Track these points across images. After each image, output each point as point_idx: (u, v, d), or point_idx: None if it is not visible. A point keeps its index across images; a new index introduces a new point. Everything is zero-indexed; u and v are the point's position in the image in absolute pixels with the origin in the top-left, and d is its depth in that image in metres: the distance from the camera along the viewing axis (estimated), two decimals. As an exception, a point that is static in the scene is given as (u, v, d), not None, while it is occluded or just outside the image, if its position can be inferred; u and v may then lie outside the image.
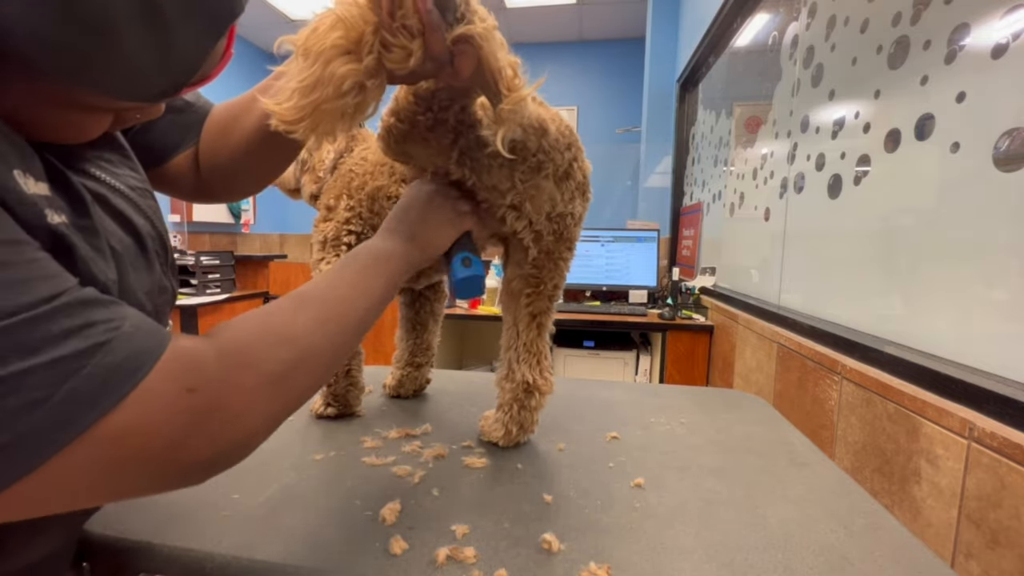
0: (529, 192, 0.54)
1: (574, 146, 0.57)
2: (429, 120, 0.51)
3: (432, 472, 0.58)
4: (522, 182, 0.53)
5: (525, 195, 0.54)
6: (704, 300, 2.07)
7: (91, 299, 0.28)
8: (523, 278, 0.63)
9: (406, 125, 0.52)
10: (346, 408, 0.75)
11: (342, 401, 0.74)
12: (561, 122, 0.55)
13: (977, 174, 0.70)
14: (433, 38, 0.39)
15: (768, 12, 1.68)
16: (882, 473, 0.78)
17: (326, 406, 0.74)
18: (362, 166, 0.71)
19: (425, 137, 0.52)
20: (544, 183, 0.55)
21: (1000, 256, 0.68)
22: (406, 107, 0.51)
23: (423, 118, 0.51)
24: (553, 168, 0.54)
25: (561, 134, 0.54)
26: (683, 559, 0.43)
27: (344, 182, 0.72)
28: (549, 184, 0.55)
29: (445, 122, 0.50)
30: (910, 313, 0.85)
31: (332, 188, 0.73)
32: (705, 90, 2.57)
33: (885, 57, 0.93)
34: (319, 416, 0.74)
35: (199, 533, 0.45)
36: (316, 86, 0.37)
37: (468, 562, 0.42)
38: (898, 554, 0.45)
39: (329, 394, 0.74)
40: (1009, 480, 0.56)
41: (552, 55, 4.19)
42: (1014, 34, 0.66)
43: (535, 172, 0.53)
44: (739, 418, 0.78)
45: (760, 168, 1.62)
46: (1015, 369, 0.64)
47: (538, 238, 0.59)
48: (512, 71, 0.42)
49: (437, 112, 0.50)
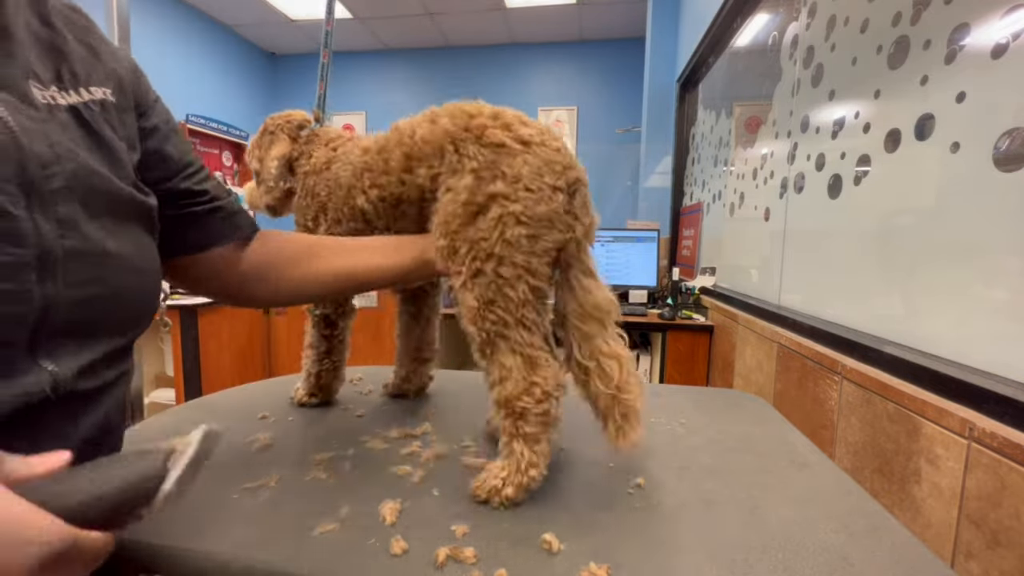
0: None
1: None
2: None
3: (432, 472, 0.58)
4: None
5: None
6: (704, 300, 2.07)
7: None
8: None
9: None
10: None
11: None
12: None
13: (977, 174, 0.70)
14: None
15: (768, 12, 1.68)
16: (882, 473, 0.78)
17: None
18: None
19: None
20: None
21: (1000, 256, 0.68)
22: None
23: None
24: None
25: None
26: (683, 559, 0.43)
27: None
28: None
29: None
30: (910, 313, 0.85)
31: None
32: (705, 90, 2.57)
33: (885, 57, 0.93)
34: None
35: (199, 533, 0.45)
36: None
37: (468, 562, 0.42)
38: (898, 554, 0.45)
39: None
40: (1009, 480, 0.56)
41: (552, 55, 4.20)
42: (1014, 34, 0.66)
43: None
44: (739, 418, 0.78)
45: (760, 168, 1.62)
46: (1015, 369, 0.64)
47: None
48: None
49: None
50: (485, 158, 0.52)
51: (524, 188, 0.50)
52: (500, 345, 0.52)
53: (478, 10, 3.65)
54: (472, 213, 0.52)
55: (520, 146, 0.52)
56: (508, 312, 0.51)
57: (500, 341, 0.52)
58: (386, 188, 0.61)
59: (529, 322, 0.52)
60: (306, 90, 4.57)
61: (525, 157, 0.51)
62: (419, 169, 0.58)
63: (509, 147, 0.52)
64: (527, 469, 0.51)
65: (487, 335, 0.52)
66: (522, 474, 0.51)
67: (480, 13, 3.70)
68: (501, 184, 0.51)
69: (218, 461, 0.58)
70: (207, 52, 3.91)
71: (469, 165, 0.53)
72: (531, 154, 0.52)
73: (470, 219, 0.52)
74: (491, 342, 0.52)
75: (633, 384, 0.53)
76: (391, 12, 3.69)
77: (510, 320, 0.51)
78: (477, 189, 0.52)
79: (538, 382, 0.51)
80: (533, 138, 0.52)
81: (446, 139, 0.55)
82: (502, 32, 4.03)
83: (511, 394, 0.51)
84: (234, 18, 3.91)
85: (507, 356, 0.52)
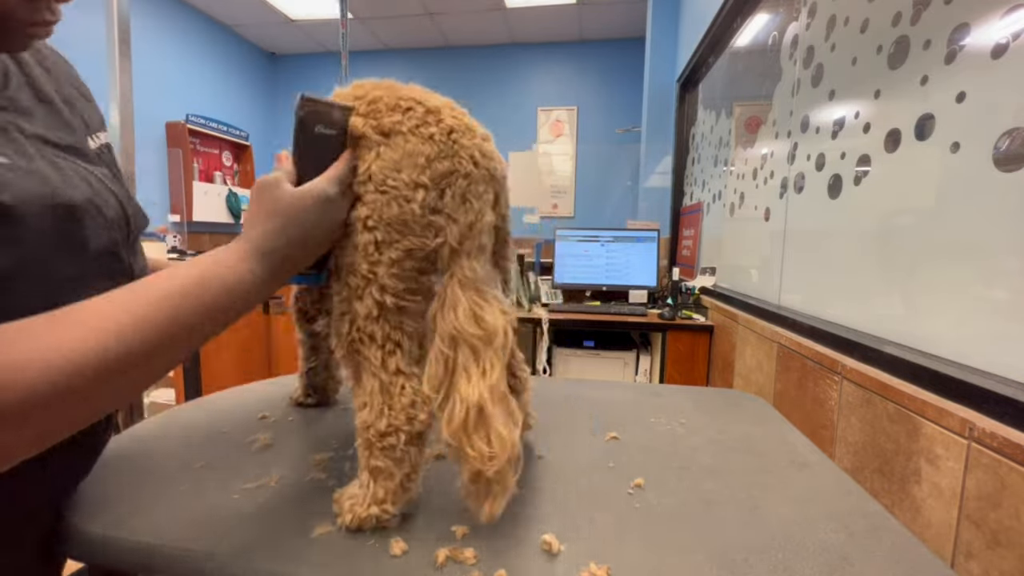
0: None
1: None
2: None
3: (432, 472, 0.58)
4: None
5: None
6: (704, 300, 2.07)
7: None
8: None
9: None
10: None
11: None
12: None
13: (977, 174, 0.70)
14: None
15: (768, 12, 1.68)
16: (882, 473, 0.78)
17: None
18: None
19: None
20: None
21: (1000, 256, 0.68)
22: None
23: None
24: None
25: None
26: (683, 559, 0.43)
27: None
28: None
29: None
30: (910, 313, 0.85)
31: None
32: (705, 90, 2.57)
33: (885, 57, 0.93)
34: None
35: (199, 533, 0.45)
36: None
37: (468, 563, 0.42)
38: (898, 554, 0.45)
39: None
40: (1009, 480, 0.56)
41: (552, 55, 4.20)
42: (1014, 34, 0.66)
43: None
44: (739, 418, 0.78)
45: (760, 168, 1.62)
46: (1015, 369, 0.64)
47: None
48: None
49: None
50: (351, 154, 0.46)
51: (374, 188, 0.44)
52: (363, 365, 0.46)
53: (478, 10, 3.65)
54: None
55: (379, 137, 0.45)
56: (359, 328, 0.45)
57: (361, 360, 0.46)
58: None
59: (382, 340, 0.45)
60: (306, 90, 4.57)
61: (380, 150, 0.45)
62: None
63: (368, 139, 0.45)
64: (370, 504, 0.45)
65: (344, 351, 0.47)
66: (365, 507, 0.45)
67: (480, 13, 3.70)
68: (355, 184, 0.45)
69: (218, 461, 0.58)
70: (207, 52, 3.91)
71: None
72: (389, 146, 0.45)
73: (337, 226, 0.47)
74: (352, 360, 0.47)
75: (478, 439, 0.41)
76: (391, 12, 3.69)
77: (363, 337, 0.46)
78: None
79: (385, 412, 0.45)
80: (399, 126, 0.45)
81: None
82: (502, 32, 4.03)
83: (364, 422, 0.46)
84: (234, 18, 3.91)
85: (368, 379, 0.46)
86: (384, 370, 0.45)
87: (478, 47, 4.30)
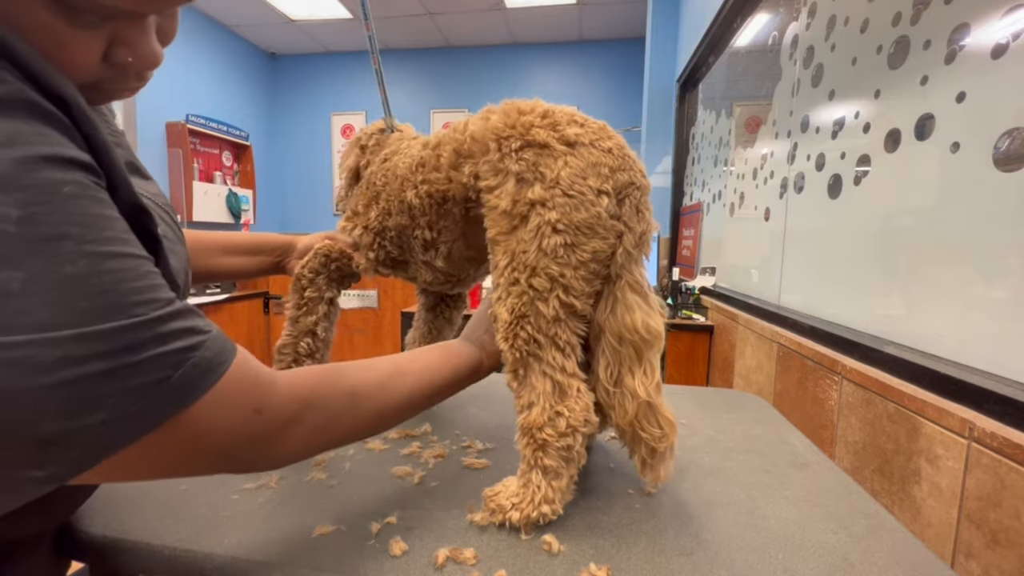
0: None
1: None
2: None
3: (432, 472, 0.58)
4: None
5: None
6: (704, 300, 2.07)
7: (189, 306, 0.32)
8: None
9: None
10: None
11: None
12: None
13: (977, 174, 0.70)
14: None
15: (768, 12, 1.68)
16: (882, 473, 0.78)
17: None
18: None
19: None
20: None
21: (1000, 256, 0.68)
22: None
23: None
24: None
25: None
26: (683, 560, 0.43)
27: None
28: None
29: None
30: (910, 313, 0.85)
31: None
32: (705, 90, 2.57)
33: (885, 57, 0.93)
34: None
35: (199, 533, 0.45)
36: None
37: (468, 563, 0.42)
38: (898, 555, 0.45)
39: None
40: (1009, 480, 0.56)
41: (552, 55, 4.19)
42: (1014, 34, 0.66)
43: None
44: (739, 418, 0.78)
45: (760, 168, 1.62)
46: (1015, 369, 0.64)
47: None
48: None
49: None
50: (527, 160, 0.48)
51: (562, 193, 0.46)
52: (533, 366, 0.48)
53: (478, 10, 3.65)
54: (513, 223, 0.48)
55: (564, 147, 0.48)
56: (539, 330, 0.47)
57: (533, 362, 0.48)
58: (434, 184, 0.58)
59: (562, 343, 0.48)
60: (306, 90, 4.57)
61: (567, 159, 0.47)
62: (464, 167, 0.55)
63: (552, 148, 0.48)
64: (540, 503, 0.47)
65: (519, 354, 0.48)
66: (534, 507, 0.47)
67: (480, 13, 3.70)
68: (539, 188, 0.47)
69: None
70: (207, 52, 3.90)
71: (513, 168, 0.49)
72: (575, 155, 0.48)
73: (511, 229, 0.49)
74: (523, 362, 0.49)
75: (649, 425, 0.48)
76: (391, 12, 3.69)
77: (542, 339, 0.47)
78: (518, 195, 0.48)
79: (563, 413, 0.47)
80: (580, 138, 0.48)
81: (492, 136, 0.51)
82: (502, 32, 4.03)
83: (534, 423, 0.47)
84: (234, 18, 3.91)
85: (538, 380, 0.48)
86: (562, 372, 0.48)
87: (478, 47, 4.30)
